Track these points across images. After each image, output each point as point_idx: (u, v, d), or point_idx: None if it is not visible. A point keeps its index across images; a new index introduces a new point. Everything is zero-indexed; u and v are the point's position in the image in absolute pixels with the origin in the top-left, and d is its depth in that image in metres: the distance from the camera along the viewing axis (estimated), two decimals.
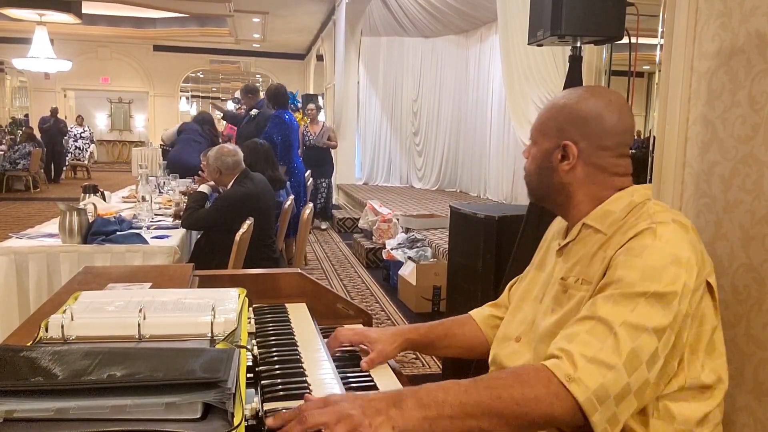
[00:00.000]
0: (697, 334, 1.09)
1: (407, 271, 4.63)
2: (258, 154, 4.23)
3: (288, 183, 4.98)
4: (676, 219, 1.12)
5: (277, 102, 5.71)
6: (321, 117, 9.18)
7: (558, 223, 1.37)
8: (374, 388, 1.15)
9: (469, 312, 1.48)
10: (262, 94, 6.59)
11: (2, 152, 11.57)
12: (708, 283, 1.10)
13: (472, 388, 0.97)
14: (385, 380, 1.22)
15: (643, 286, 1.03)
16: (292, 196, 4.68)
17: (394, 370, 1.29)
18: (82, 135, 15.04)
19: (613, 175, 1.21)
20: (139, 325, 1.03)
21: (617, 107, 1.20)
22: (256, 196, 3.51)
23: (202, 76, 19.99)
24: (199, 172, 4.46)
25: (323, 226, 8.07)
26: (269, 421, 0.89)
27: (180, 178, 5.16)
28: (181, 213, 3.56)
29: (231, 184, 3.54)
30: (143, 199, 3.76)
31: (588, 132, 1.18)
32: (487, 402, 0.95)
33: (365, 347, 1.33)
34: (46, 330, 1.01)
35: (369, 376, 1.23)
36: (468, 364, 2.24)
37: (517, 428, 0.97)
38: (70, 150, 14.68)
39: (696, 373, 1.09)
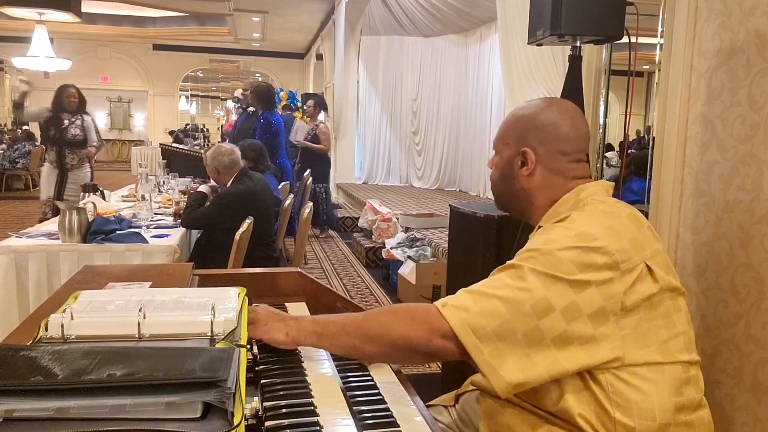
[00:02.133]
0: (635, 319, 1.08)
1: (407, 271, 4.63)
2: (247, 154, 4.26)
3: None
4: (604, 210, 1.15)
5: (266, 103, 5.62)
6: (321, 116, 8.88)
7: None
8: (374, 387, 1.15)
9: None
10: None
11: (2, 151, 11.57)
12: (648, 266, 1.10)
13: (358, 315, 1.19)
14: (385, 378, 1.22)
15: (542, 246, 1.09)
16: (291, 195, 4.68)
17: (392, 367, 1.29)
18: None
19: (571, 179, 1.25)
20: (138, 324, 1.03)
21: (570, 116, 1.26)
22: (255, 194, 3.51)
23: (201, 75, 19.99)
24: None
25: (327, 234, 7.50)
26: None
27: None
28: (181, 212, 3.56)
29: (230, 182, 3.54)
30: (143, 198, 3.76)
31: (544, 138, 1.25)
32: (362, 324, 1.14)
33: None
34: (46, 329, 1.01)
35: (369, 375, 1.23)
36: (467, 364, 2.25)
37: (390, 348, 1.12)
38: None
39: (634, 354, 1.08)
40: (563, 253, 1.07)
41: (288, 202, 4.30)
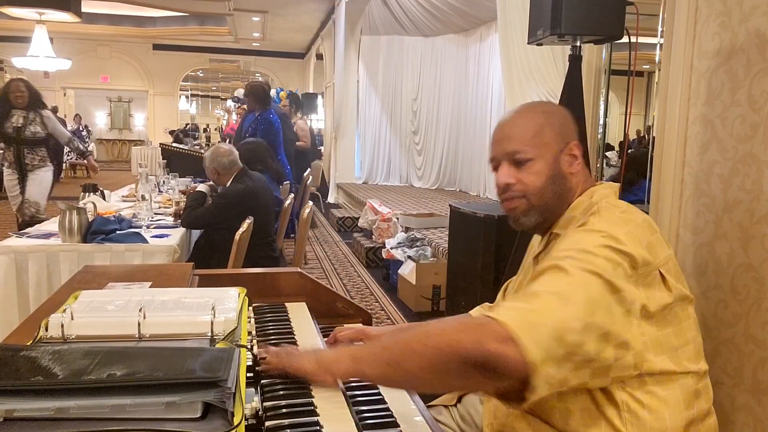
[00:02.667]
0: (656, 324, 1.07)
1: (407, 270, 4.63)
2: (253, 153, 4.27)
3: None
4: (623, 211, 1.14)
5: (263, 102, 5.56)
6: (304, 115, 8.66)
7: (536, 238, 1.38)
8: (374, 387, 1.15)
9: (469, 312, 1.49)
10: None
11: (2, 151, 11.55)
12: (661, 274, 1.09)
13: (400, 332, 1.09)
14: None
15: (574, 246, 1.05)
16: (292, 195, 4.68)
17: None
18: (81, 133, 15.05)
19: (589, 178, 1.25)
20: (139, 324, 1.03)
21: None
22: (254, 194, 3.52)
23: (201, 75, 19.99)
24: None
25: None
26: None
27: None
28: (181, 212, 3.56)
29: (229, 182, 3.55)
30: (143, 198, 3.76)
31: (575, 130, 1.23)
32: (404, 337, 1.01)
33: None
34: (46, 329, 1.01)
35: None
36: None
37: (432, 369, 0.95)
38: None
39: (651, 361, 1.07)
40: (598, 250, 1.02)
41: (288, 202, 4.30)
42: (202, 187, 3.67)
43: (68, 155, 14.58)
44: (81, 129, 15.27)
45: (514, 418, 1.17)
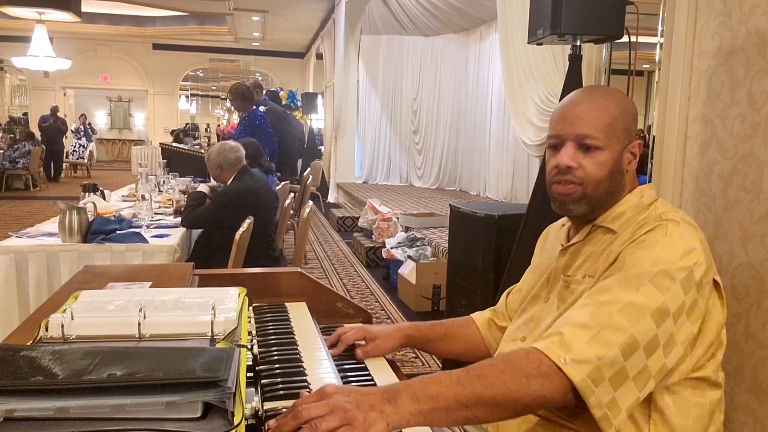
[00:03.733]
0: (702, 329, 1.09)
1: (407, 270, 4.63)
2: (256, 147, 4.34)
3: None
4: (684, 218, 1.13)
5: (249, 100, 5.51)
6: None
7: (556, 228, 1.37)
8: (374, 385, 1.15)
9: (471, 315, 1.49)
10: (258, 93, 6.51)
11: (2, 151, 11.57)
12: (715, 281, 1.10)
13: (465, 378, 0.94)
14: (382, 374, 1.23)
15: (651, 269, 1.03)
16: (292, 195, 4.68)
17: (391, 363, 1.30)
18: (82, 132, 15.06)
19: (636, 176, 1.23)
20: (139, 324, 1.03)
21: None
22: (255, 192, 3.53)
23: (201, 74, 19.99)
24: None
25: None
26: (270, 423, 0.88)
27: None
28: (182, 209, 3.57)
29: (230, 180, 3.55)
30: (143, 197, 3.76)
31: (637, 129, 1.22)
32: (479, 391, 0.93)
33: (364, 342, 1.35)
34: (46, 329, 1.01)
35: (369, 375, 1.23)
36: (468, 364, 2.24)
37: (512, 413, 0.97)
38: (75, 148, 14.69)
39: (693, 366, 1.09)
40: (678, 273, 1.02)
41: (288, 201, 4.30)
42: (202, 188, 3.68)
43: (70, 155, 14.61)
44: (85, 128, 15.26)
45: (521, 420, 1.17)
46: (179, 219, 3.55)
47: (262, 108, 6.02)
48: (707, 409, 1.10)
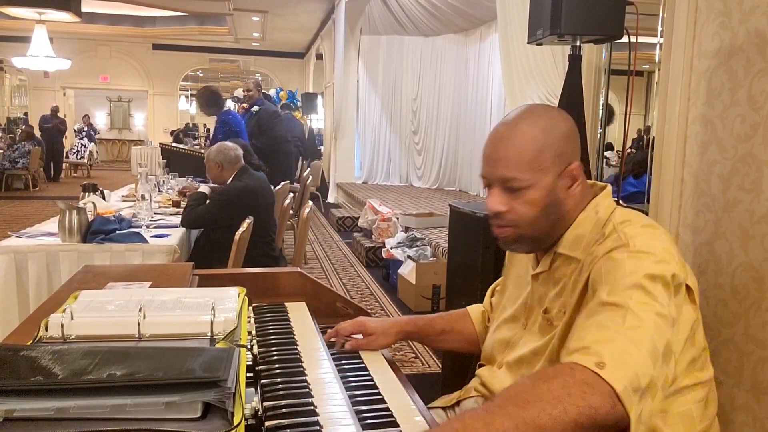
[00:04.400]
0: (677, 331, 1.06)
1: (407, 270, 4.63)
2: (246, 146, 4.42)
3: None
4: (645, 225, 1.08)
5: (217, 106, 5.50)
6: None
7: None
8: (374, 387, 1.15)
9: (468, 307, 1.50)
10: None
11: (2, 151, 11.56)
12: (687, 286, 1.08)
13: (506, 404, 0.85)
14: (382, 374, 1.23)
15: (634, 279, 0.98)
16: (292, 195, 4.68)
17: (391, 364, 1.30)
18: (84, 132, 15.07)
19: (588, 190, 1.17)
20: (138, 324, 1.03)
21: (569, 117, 1.16)
22: (254, 191, 3.53)
23: (201, 74, 19.99)
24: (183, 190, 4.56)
25: None
26: None
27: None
28: (182, 204, 3.58)
29: (230, 180, 3.56)
30: (143, 197, 3.76)
31: (576, 146, 1.14)
32: (533, 417, 0.83)
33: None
34: (46, 329, 1.01)
35: (369, 375, 1.23)
36: (467, 364, 2.24)
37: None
38: (77, 148, 14.69)
39: (690, 370, 1.09)
40: (652, 286, 0.97)
41: (287, 201, 4.30)
42: (203, 188, 3.68)
43: (71, 155, 14.60)
44: (87, 128, 15.26)
45: None
46: (179, 218, 3.55)
47: (255, 107, 6.03)
48: (694, 413, 1.10)
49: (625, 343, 0.92)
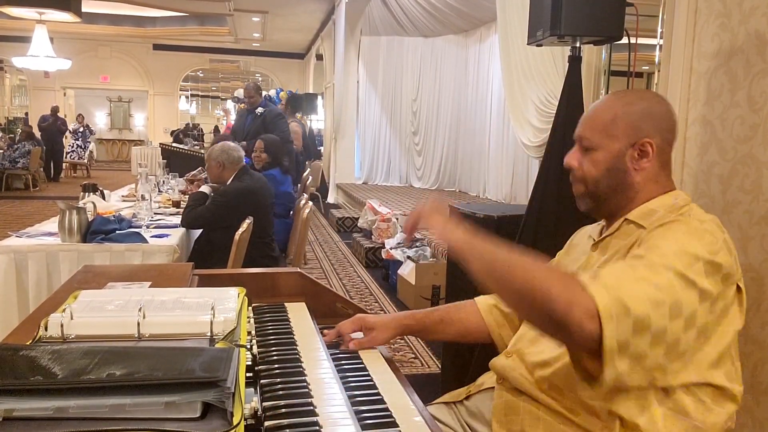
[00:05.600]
0: (722, 333, 1.07)
1: (406, 271, 4.63)
2: (280, 146, 4.66)
3: None
4: (714, 220, 1.13)
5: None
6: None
7: (591, 227, 1.36)
8: (374, 387, 1.15)
9: (475, 298, 1.50)
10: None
11: (2, 151, 11.57)
12: (738, 287, 1.09)
13: (517, 253, 1.05)
14: (382, 375, 1.23)
15: (675, 248, 1.02)
16: (305, 195, 4.65)
17: (390, 363, 1.30)
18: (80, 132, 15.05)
19: (670, 173, 1.22)
20: (138, 324, 1.03)
21: (669, 104, 1.24)
22: (254, 192, 3.54)
23: (201, 75, 20.00)
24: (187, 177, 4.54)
25: None
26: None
27: None
28: (182, 203, 3.58)
29: (230, 180, 3.56)
30: (143, 197, 3.76)
31: (662, 128, 1.19)
32: (511, 261, 1.03)
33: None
34: (46, 329, 1.01)
35: (368, 375, 1.23)
36: (467, 363, 2.25)
37: (535, 301, 0.98)
38: (73, 149, 14.68)
39: (707, 367, 1.07)
40: (693, 255, 1.01)
41: (308, 211, 4.19)
42: (204, 188, 3.68)
43: (68, 155, 14.60)
44: (83, 128, 15.25)
45: (525, 414, 1.17)
46: (179, 218, 3.55)
47: (260, 109, 6.08)
48: (723, 419, 1.09)
49: (630, 277, 0.98)
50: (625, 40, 2.26)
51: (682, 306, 0.98)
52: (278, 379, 1.08)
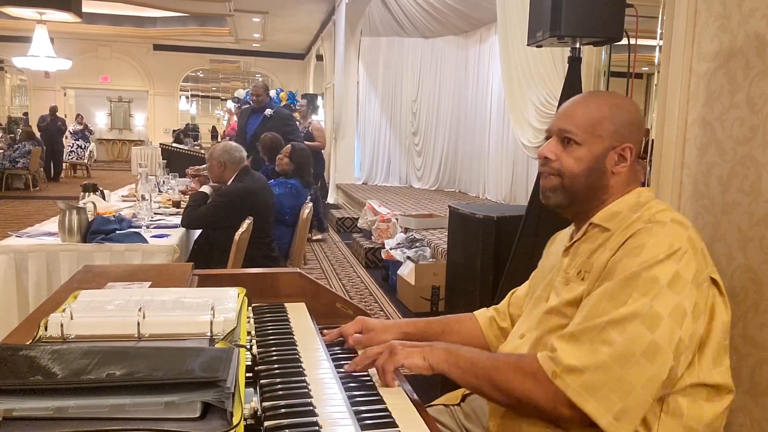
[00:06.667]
0: (707, 330, 1.09)
1: (406, 271, 4.63)
2: (308, 157, 4.66)
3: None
4: (674, 219, 1.13)
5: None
6: (315, 117, 8.89)
7: (563, 233, 1.38)
8: (373, 387, 1.15)
9: (475, 311, 1.50)
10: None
11: (2, 151, 11.56)
12: (713, 279, 1.11)
13: (484, 356, 1.17)
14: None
15: (636, 275, 1.05)
16: (311, 204, 4.56)
17: None
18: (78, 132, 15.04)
19: (637, 179, 1.24)
20: (138, 324, 1.03)
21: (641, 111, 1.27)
22: (254, 193, 3.53)
23: (201, 75, 19.98)
24: (189, 171, 4.52)
25: (318, 237, 7.24)
26: (347, 367, 1.17)
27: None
28: (182, 203, 3.58)
29: (231, 180, 3.56)
30: (143, 197, 3.76)
31: (638, 137, 1.22)
32: (489, 370, 1.12)
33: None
34: (46, 329, 1.01)
35: (368, 375, 1.23)
36: None
37: (509, 401, 1.11)
38: (73, 149, 14.68)
39: (707, 369, 1.09)
40: (654, 280, 1.03)
41: (307, 211, 4.18)
42: (205, 188, 3.68)
43: (69, 155, 14.60)
44: (83, 128, 15.25)
45: (523, 420, 1.17)
46: (179, 218, 3.55)
47: (268, 111, 6.05)
48: (720, 415, 1.11)
49: (594, 348, 1.03)
50: (624, 41, 2.26)
51: (659, 343, 1.01)
52: (278, 380, 1.08)
